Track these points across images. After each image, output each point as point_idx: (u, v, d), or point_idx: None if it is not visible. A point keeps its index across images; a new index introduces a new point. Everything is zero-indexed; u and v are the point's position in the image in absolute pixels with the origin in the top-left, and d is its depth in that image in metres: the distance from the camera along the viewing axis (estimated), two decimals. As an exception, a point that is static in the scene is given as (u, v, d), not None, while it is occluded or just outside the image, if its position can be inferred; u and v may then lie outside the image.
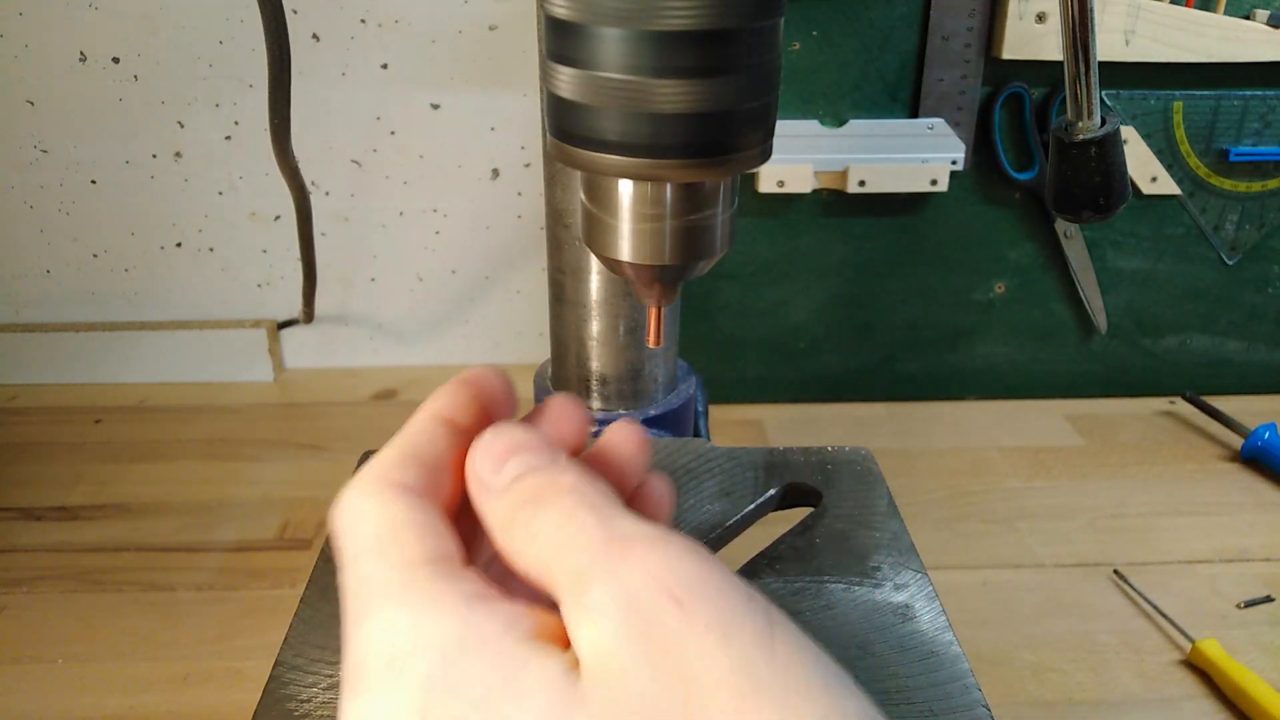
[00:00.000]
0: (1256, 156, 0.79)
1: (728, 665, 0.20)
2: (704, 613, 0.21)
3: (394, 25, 0.79)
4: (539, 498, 0.24)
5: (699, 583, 0.21)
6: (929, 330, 0.86)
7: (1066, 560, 0.69)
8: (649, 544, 0.22)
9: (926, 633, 0.43)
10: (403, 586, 0.24)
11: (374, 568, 0.24)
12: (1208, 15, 0.73)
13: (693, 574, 0.22)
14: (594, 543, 0.23)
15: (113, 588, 0.66)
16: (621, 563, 0.22)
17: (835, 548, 0.48)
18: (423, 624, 0.23)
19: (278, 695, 0.40)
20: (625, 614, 0.21)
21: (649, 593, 0.21)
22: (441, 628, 0.23)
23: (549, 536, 0.23)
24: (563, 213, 0.54)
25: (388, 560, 0.24)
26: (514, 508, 0.25)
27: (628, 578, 0.22)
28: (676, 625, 0.21)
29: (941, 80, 0.76)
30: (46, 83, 0.80)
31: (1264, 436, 0.78)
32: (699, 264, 0.28)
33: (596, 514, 0.23)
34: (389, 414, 0.86)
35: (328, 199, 0.85)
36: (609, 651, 0.21)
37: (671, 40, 0.23)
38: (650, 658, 0.21)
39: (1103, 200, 0.45)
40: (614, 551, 0.22)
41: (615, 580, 0.22)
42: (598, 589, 0.22)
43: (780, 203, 0.80)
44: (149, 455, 0.79)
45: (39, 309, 0.88)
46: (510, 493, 0.25)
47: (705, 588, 0.21)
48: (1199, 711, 0.57)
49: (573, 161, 0.26)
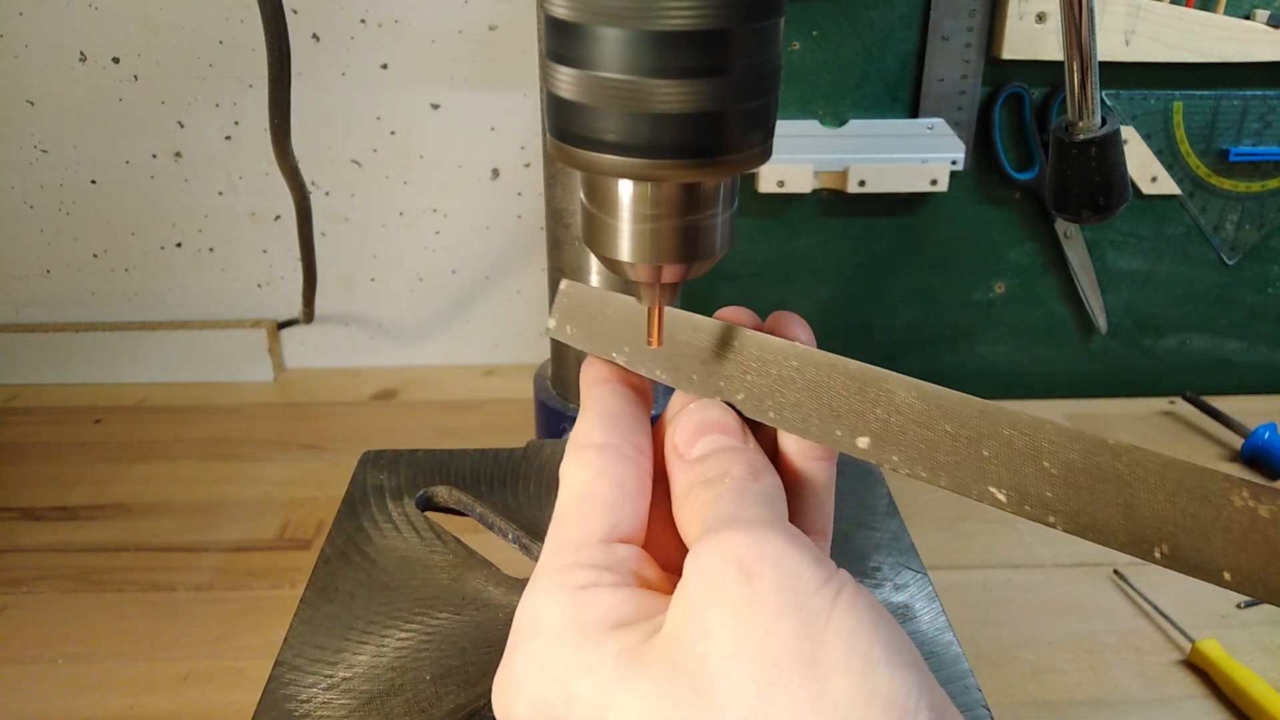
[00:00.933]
0: (1256, 156, 0.79)
1: (782, 634, 0.22)
2: (768, 587, 0.23)
3: (394, 25, 0.79)
4: (710, 481, 0.27)
5: (775, 559, 0.23)
6: (929, 330, 0.86)
7: (1066, 560, 0.69)
8: (747, 527, 0.24)
9: (926, 633, 0.43)
10: (543, 573, 0.27)
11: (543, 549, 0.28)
12: (1208, 15, 0.73)
13: (771, 551, 0.24)
14: (717, 524, 0.25)
15: (113, 588, 0.66)
16: (714, 542, 0.24)
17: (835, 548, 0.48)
18: (537, 608, 0.26)
19: (278, 695, 0.40)
20: (697, 585, 0.24)
21: (723, 566, 0.23)
22: (550, 614, 0.26)
23: (699, 519, 0.26)
24: (563, 213, 0.54)
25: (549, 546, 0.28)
26: (689, 486, 0.28)
27: (711, 553, 0.24)
28: (740, 597, 0.23)
29: (941, 80, 0.76)
30: (46, 83, 0.80)
31: (1264, 436, 0.78)
32: (699, 264, 0.28)
33: (738, 503, 0.26)
34: (389, 414, 0.86)
35: (328, 199, 0.85)
36: (678, 619, 0.24)
37: (671, 40, 0.23)
38: (708, 626, 0.23)
39: (1102, 200, 0.45)
40: (725, 528, 0.25)
41: (699, 556, 0.24)
42: (690, 560, 0.24)
43: (780, 203, 0.80)
44: (149, 455, 0.79)
45: (39, 309, 0.88)
46: (694, 469, 0.28)
47: (780, 564, 0.23)
48: (1199, 711, 0.57)
49: (572, 162, 0.26)
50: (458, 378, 0.91)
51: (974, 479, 0.26)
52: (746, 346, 0.30)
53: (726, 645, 0.22)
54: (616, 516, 0.28)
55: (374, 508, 0.51)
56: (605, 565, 0.27)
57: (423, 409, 0.87)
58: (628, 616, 0.25)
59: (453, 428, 0.84)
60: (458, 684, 0.40)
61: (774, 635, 0.22)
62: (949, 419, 0.27)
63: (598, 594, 0.26)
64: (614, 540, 0.27)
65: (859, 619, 0.23)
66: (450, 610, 0.44)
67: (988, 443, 0.26)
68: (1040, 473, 0.25)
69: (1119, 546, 0.25)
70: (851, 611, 0.23)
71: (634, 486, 0.28)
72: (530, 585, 0.27)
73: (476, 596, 0.45)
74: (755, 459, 0.28)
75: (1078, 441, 0.25)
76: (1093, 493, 0.25)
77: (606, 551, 0.27)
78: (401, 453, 0.55)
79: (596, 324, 0.33)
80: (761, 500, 0.26)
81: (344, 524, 0.50)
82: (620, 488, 0.28)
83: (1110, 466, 0.25)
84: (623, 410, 0.30)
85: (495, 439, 0.78)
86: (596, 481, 0.28)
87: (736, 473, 0.27)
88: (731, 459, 0.28)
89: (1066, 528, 0.25)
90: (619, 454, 0.29)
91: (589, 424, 0.30)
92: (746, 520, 0.25)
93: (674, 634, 0.24)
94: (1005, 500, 0.26)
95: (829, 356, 0.29)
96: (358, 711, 0.39)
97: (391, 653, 0.42)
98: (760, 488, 0.27)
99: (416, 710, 0.39)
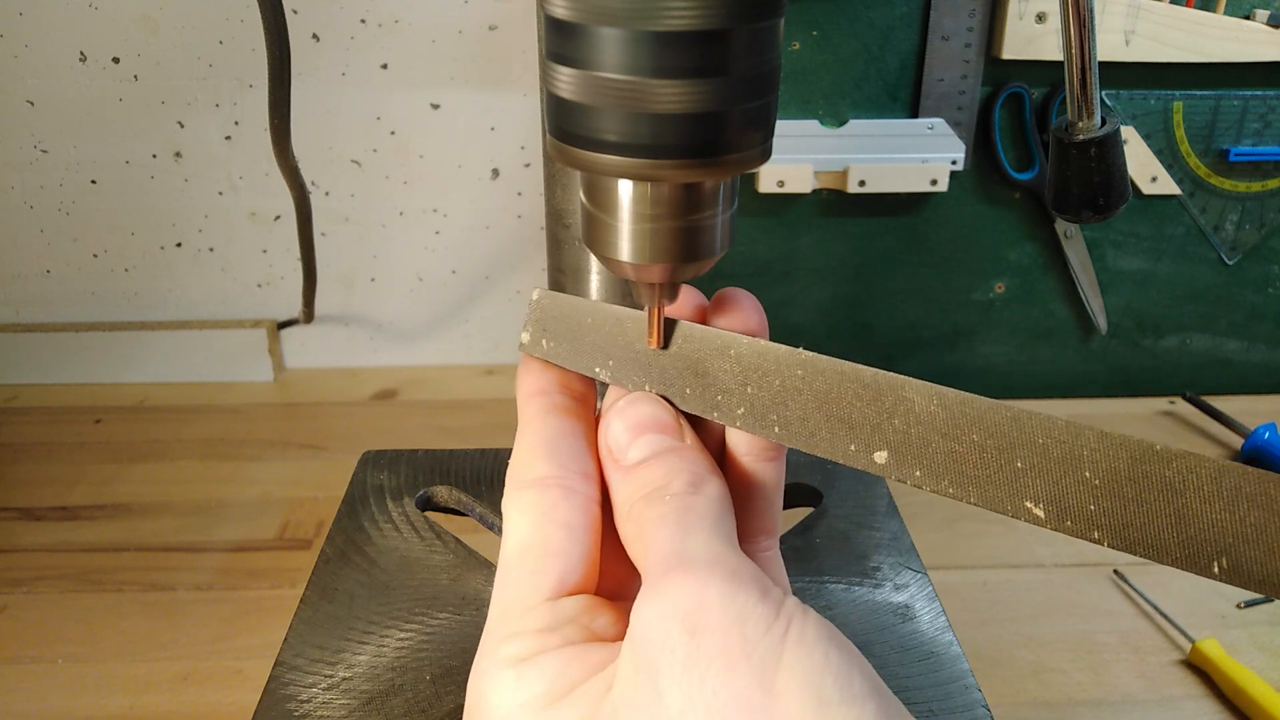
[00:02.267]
0: (1256, 156, 0.79)
1: (733, 690, 0.22)
2: (714, 641, 0.22)
3: (394, 25, 0.79)
4: (650, 497, 0.26)
5: (720, 607, 0.23)
6: (929, 330, 0.86)
7: (1066, 560, 0.69)
8: (687, 573, 0.23)
9: (926, 633, 0.43)
10: (488, 645, 0.26)
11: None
12: (1208, 15, 0.73)
13: (714, 598, 0.23)
14: (661, 559, 0.24)
15: (113, 588, 0.66)
16: (657, 595, 0.23)
17: (835, 548, 0.48)
18: (483, 689, 0.26)
19: (278, 695, 0.40)
20: (643, 644, 0.23)
21: (667, 621, 0.23)
22: (494, 696, 0.25)
23: (642, 541, 0.25)
24: (563, 213, 0.54)
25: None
26: (630, 500, 0.27)
27: (654, 608, 0.23)
28: (687, 653, 0.22)
29: (941, 80, 0.76)
30: (46, 83, 0.80)
31: (1264, 436, 0.78)
32: (699, 264, 0.28)
33: (681, 527, 0.25)
34: (389, 414, 0.86)
35: (328, 199, 0.85)
36: (628, 681, 0.23)
37: (671, 40, 0.23)
38: (658, 689, 0.22)
39: (1101, 200, 0.45)
40: (668, 574, 0.24)
41: (643, 611, 0.23)
42: (635, 613, 0.23)
43: (780, 203, 0.80)
44: (149, 455, 0.79)
45: (39, 309, 0.88)
46: (632, 478, 0.27)
47: (725, 612, 0.22)
48: (1199, 711, 0.57)
49: (572, 162, 0.26)
50: (458, 378, 0.91)
51: (1008, 494, 0.24)
52: (745, 356, 0.28)
53: (677, 707, 0.22)
54: (565, 566, 0.26)
55: (374, 508, 0.51)
56: (551, 626, 0.25)
57: (423, 409, 0.87)
58: (577, 677, 0.24)
59: (453, 428, 0.84)
60: (458, 684, 0.40)
61: (724, 691, 0.21)
62: (976, 428, 0.25)
63: (542, 663, 0.25)
64: (562, 595, 0.26)
65: (809, 655, 0.22)
66: (450, 610, 0.44)
67: (1021, 453, 0.24)
68: (1082, 484, 0.24)
69: (1172, 562, 0.23)
70: (801, 648, 0.22)
71: (583, 525, 0.27)
72: (477, 659, 0.26)
73: (476, 596, 0.45)
74: (696, 462, 0.27)
75: (1123, 448, 0.23)
76: (1141, 504, 0.23)
77: (553, 611, 0.26)
78: (401, 453, 0.55)
79: (576, 336, 0.30)
80: (705, 520, 0.25)
81: (344, 524, 0.50)
82: (568, 530, 0.27)
83: (1159, 474, 0.23)
84: (564, 429, 0.29)
85: (495, 439, 0.78)
86: (541, 528, 0.27)
87: (677, 486, 0.26)
88: (673, 465, 0.27)
89: (1114, 544, 0.23)
90: (564, 489, 0.27)
91: (528, 453, 0.28)
92: (688, 559, 0.24)
93: (624, 698, 0.23)
94: (1044, 516, 0.24)
95: (838, 363, 0.27)
96: (358, 711, 0.39)
97: (391, 653, 0.42)
98: (704, 501, 0.26)
99: (416, 710, 0.39)
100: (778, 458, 0.30)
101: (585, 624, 0.26)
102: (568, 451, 0.28)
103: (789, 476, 0.53)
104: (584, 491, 0.27)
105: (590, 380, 0.30)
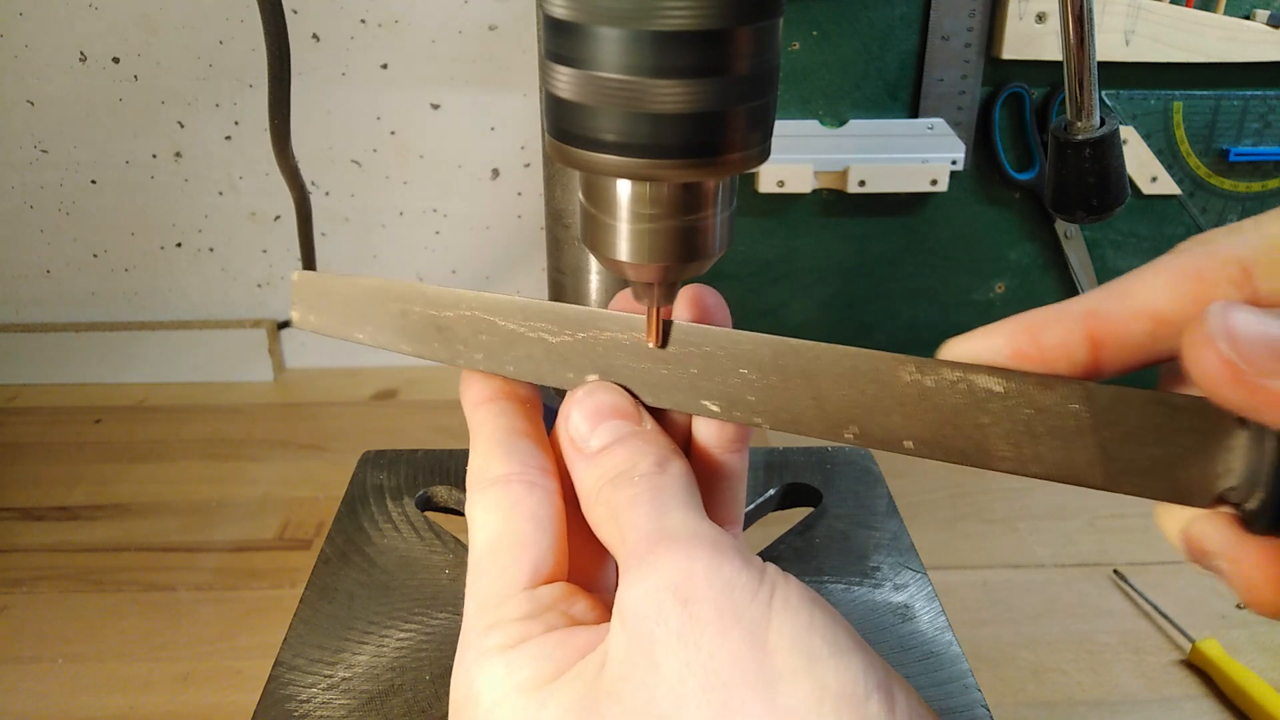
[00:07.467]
0: (1256, 156, 0.79)
1: (728, 653, 0.22)
2: (705, 608, 0.23)
3: (394, 25, 0.79)
4: (618, 480, 0.26)
5: (707, 576, 0.23)
6: (929, 330, 0.86)
7: (1066, 560, 0.69)
8: (672, 547, 0.24)
9: (926, 633, 0.43)
10: (469, 639, 0.27)
11: None
12: (1208, 15, 0.73)
13: (701, 568, 0.23)
14: (642, 538, 0.25)
15: (113, 588, 0.66)
16: (644, 571, 0.24)
17: (835, 548, 0.48)
18: (472, 681, 0.26)
19: (277, 695, 0.40)
20: (635, 618, 0.23)
21: (658, 594, 0.23)
22: (484, 684, 0.25)
23: (616, 523, 0.26)
24: (562, 213, 0.54)
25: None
26: (597, 485, 0.27)
27: (643, 584, 0.23)
28: (680, 622, 0.23)
29: (941, 80, 0.76)
30: (46, 83, 0.80)
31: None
32: (698, 264, 0.28)
33: (656, 505, 0.25)
34: (389, 414, 0.86)
35: (328, 199, 0.85)
36: (622, 656, 0.23)
37: (670, 40, 0.23)
38: (653, 659, 0.23)
39: (1099, 200, 0.45)
40: (652, 550, 0.24)
41: (632, 588, 0.24)
42: (623, 591, 0.24)
43: (780, 203, 0.80)
44: (149, 455, 0.79)
45: (39, 309, 0.88)
46: (597, 464, 0.27)
47: (713, 580, 0.23)
48: (1199, 711, 0.57)
49: (571, 162, 0.26)
50: (457, 378, 0.91)
51: (689, 397, 0.28)
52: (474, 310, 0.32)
53: (675, 674, 0.22)
54: (536, 556, 0.27)
55: (374, 508, 0.51)
56: (531, 614, 0.26)
57: (423, 409, 0.87)
58: (565, 660, 0.25)
59: (453, 428, 0.84)
60: (457, 684, 0.40)
61: (720, 653, 0.22)
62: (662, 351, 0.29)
63: (530, 648, 0.25)
64: (537, 584, 0.26)
65: (795, 616, 0.23)
66: (450, 610, 0.44)
67: (695, 361, 0.28)
68: (741, 380, 0.27)
69: (817, 434, 0.27)
70: (788, 610, 0.23)
71: (548, 516, 0.27)
72: (459, 656, 0.26)
73: (476, 596, 0.45)
74: (659, 443, 0.27)
75: (766, 345, 0.27)
76: (786, 390, 0.27)
77: (531, 600, 0.26)
78: (401, 453, 0.55)
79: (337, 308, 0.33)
80: (677, 497, 0.26)
81: (344, 524, 0.50)
82: (535, 522, 0.27)
83: (796, 364, 0.27)
84: (516, 428, 0.29)
85: (495, 439, 0.78)
86: (509, 522, 0.27)
87: (644, 467, 0.26)
88: (636, 448, 0.27)
89: (772, 425, 0.27)
90: (526, 484, 0.28)
91: (485, 455, 0.28)
92: (670, 535, 0.24)
93: (620, 673, 0.23)
94: (719, 410, 0.28)
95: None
96: (357, 711, 0.39)
97: (391, 653, 0.42)
98: (672, 479, 0.26)
99: (416, 710, 0.39)
100: (742, 448, 0.30)
101: (564, 610, 0.26)
102: (524, 449, 0.28)
103: (790, 476, 0.53)
104: (545, 485, 0.28)
105: (533, 385, 0.31)
